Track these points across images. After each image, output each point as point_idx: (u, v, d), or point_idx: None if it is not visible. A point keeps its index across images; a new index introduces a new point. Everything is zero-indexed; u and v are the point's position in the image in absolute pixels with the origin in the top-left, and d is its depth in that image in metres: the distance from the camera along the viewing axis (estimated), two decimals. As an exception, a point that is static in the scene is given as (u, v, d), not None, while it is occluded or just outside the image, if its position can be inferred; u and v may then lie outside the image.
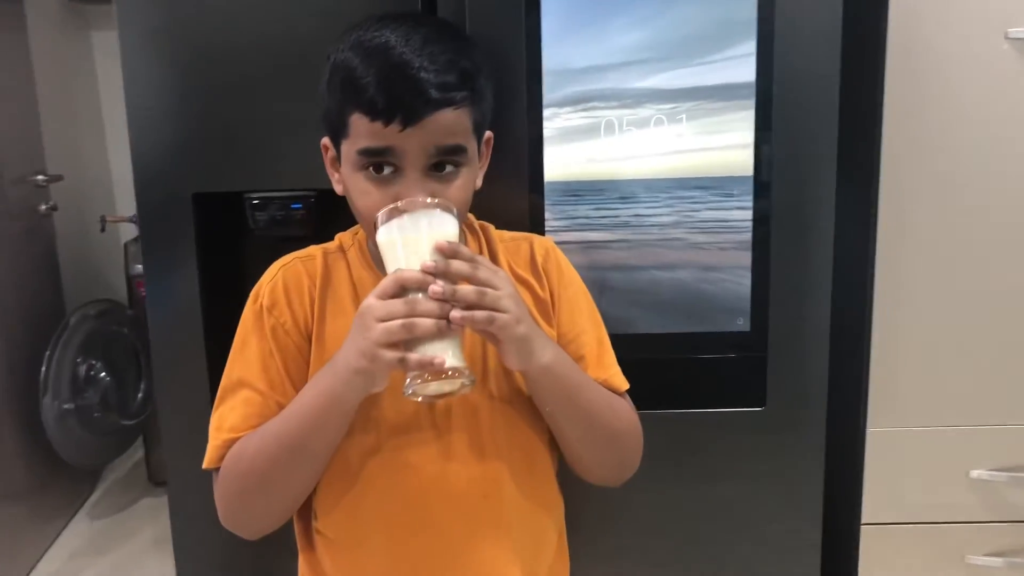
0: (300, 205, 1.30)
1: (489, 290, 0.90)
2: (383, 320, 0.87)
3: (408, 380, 0.90)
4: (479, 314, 0.89)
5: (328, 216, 1.32)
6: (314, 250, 1.08)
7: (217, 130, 1.30)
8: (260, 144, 1.30)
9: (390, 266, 0.93)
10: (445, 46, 0.97)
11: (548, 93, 1.25)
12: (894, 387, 1.42)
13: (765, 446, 1.37)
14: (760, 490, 1.38)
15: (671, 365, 1.33)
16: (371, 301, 0.89)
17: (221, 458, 1.01)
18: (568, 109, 1.26)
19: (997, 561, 1.46)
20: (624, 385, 1.10)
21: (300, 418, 0.96)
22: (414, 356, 0.88)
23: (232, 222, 1.37)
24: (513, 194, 1.27)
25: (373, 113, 0.93)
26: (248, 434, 1.00)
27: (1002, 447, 1.43)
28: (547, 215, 1.28)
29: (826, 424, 1.37)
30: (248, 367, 1.02)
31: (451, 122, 0.95)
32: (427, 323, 0.87)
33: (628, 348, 1.14)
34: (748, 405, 1.36)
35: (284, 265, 1.05)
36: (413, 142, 0.94)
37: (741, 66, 1.25)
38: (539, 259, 1.09)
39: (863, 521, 1.46)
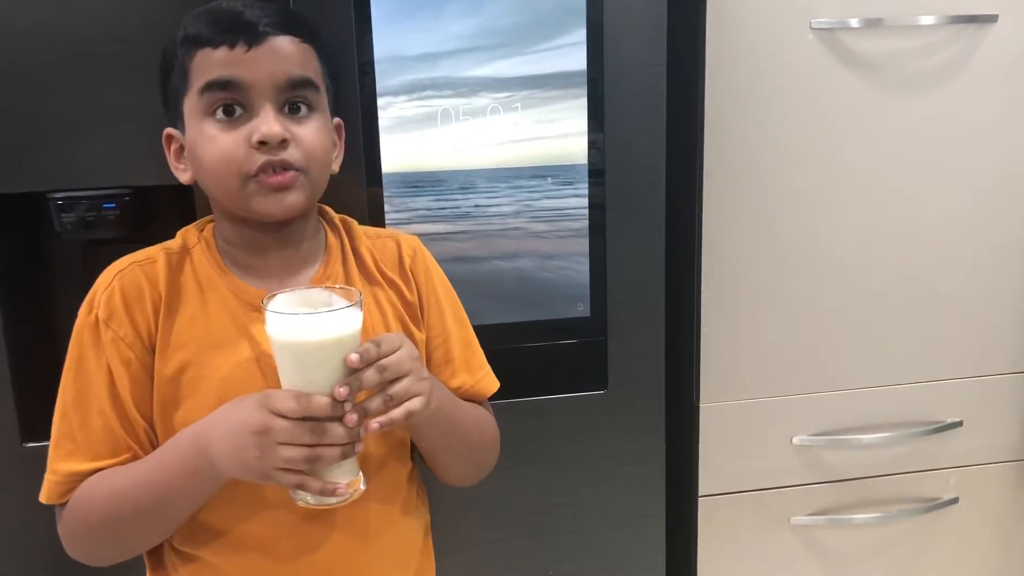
0: (113, 204, 1.18)
1: (398, 388, 0.86)
2: (285, 444, 0.82)
3: (301, 492, 0.87)
4: (385, 421, 0.86)
5: (145, 216, 1.23)
6: (154, 252, 0.98)
7: (11, 124, 1.16)
8: (64, 138, 1.16)
9: (288, 375, 0.85)
10: (284, 6, 0.96)
11: (381, 81, 1.21)
12: (722, 363, 1.48)
13: (608, 428, 1.40)
14: (606, 471, 1.41)
15: (516, 354, 1.32)
16: (269, 421, 0.82)
17: (65, 493, 0.92)
18: (403, 98, 1.22)
19: (820, 520, 1.56)
20: (493, 386, 1.10)
21: (162, 488, 0.89)
22: (317, 484, 0.85)
23: (36, 225, 1.23)
24: (350, 187, 1.21)
25: (213, 40, 0.89)
26: (100, 476, 0.91)
27: (819, 413, 1.53)
28: (387, 207, 1.24)
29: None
30: (86, 387, 0.92)
31: (298, 53, 0.93)
32: (334, 452, 0.84)
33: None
34: (590, 389, 1.38)
35: (120, 271, 0.95)
36: (261, 71, 0.90)
37: (573, 54, 1.26)
38: (407, 260, 1.06)
39: (700, 494, 1.52)
